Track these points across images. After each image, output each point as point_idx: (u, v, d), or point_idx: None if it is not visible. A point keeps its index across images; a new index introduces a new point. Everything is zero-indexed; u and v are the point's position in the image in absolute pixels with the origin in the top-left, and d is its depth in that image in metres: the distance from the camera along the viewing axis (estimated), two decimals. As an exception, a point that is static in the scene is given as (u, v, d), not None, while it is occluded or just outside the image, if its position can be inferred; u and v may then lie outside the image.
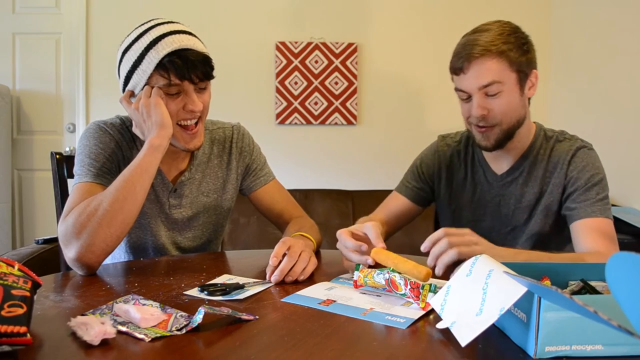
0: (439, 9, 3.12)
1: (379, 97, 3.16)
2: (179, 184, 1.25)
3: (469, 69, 1.14)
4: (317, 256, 1.15)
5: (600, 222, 1.15)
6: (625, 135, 2.47)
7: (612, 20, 2.59)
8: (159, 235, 1.25)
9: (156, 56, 1.08)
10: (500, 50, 1.13)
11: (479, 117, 1.17)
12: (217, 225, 1.35)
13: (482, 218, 1.31)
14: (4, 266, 0.71)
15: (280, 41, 3.09)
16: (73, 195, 1.10)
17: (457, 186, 1.35)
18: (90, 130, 1.19)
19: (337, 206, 2.73)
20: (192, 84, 1.12)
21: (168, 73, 1.09)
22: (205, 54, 1.14)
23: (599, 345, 0.64)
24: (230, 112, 1.54)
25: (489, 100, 1.16)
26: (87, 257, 1.01)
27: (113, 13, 3.08)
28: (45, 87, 3.16)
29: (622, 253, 0.48)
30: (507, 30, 1.15)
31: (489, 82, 1.14)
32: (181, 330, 0.73)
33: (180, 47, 1.09)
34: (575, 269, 0.82)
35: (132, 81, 1.13)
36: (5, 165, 3.05)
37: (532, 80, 1.21)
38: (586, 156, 1.22)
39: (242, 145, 1.36)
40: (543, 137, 1.28)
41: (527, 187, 1.26)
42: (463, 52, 1.15)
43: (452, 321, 0.71)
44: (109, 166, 1.15)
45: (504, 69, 1.14)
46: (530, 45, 1.19)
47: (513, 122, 1.19)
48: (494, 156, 1.29)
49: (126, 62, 1.13)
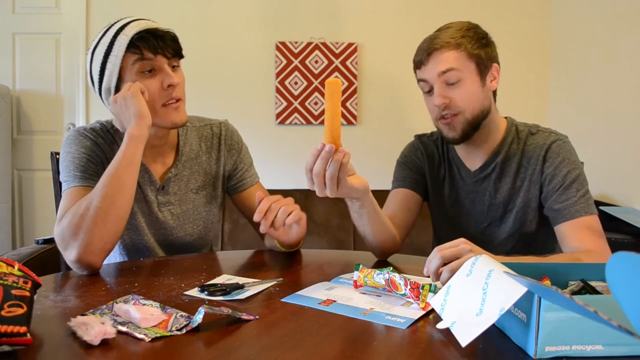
0: (439, 9, 3.12)
1: (379, 97, 3.16)
2: (166, 181, 1.25)
3: (429, 60, 1.19)
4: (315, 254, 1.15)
5: (585, 220, 1.14)
6: (625, 135, 2.47)
7: (612, 21, 2.59)
8: (150, 234, 1.25)
9: (125, 38, 1.12)
10: (457, 42, 1.18)
11: (440, 105, 1.19)
12: (207, 222, 1.34)
13: (459, 214, 1.32)
14: (4, 266, 0.71)
15: (280, 41, 3.09)
16: (64, 201, 1.11)
17: (438, 183, 1.36)
18: (71, 137, 1.20)
19: (337, 206, 2.73)
20: (165, 59, 1.14)
21: (140, 49, 1.12)
22: (173, 33, 1.17)
23: (599, 345, 0.64)
24: (231, 112, 1.54)
25: (449, 89, 1.19)
26: (87, 257, 1.02)
27: (113, 13, 3.06)
28: (45, 87, 3.16)
29: (622, 253, 0.48)
30: (466, 27, 1.21)
31: (447, 69, 1.17)
32: (181, 330, 0.73)
33: (147, 27, 1.13)
34: (575, 269, 0.82)
35: (106, 73, 1.14)
36: (5, 165, 3.05)
37: (494, 73, 1.23)
38: (561, 150, 1.21)
39: (232, 143, 1.36)
40: (515, 132, 1.28)
41: (500, 182, 1.27)
42: (423, 46, 1.22)
43: (452, 321, 0.71)
44: (94, 169, 1.16)
45: (461, 57, 1.18)
46: (489, 40, 1.23)
47: (476, 112, 1.20)
48: (467, 153, 1.30)
49: (97, 58, 1.15)
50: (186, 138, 1.30)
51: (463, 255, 0.93)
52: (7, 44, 3.12)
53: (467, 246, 0.95)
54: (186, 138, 1.30)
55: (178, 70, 1.19)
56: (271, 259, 1.23)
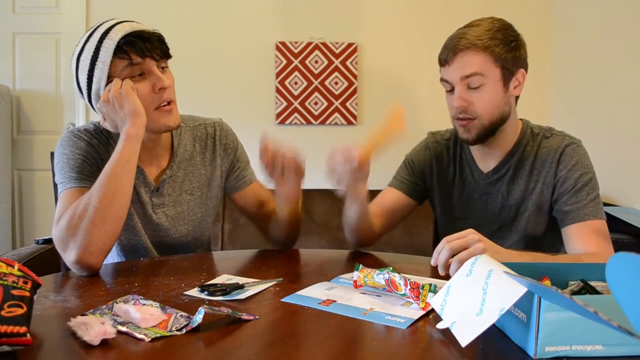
0: (439, 8, 3.12)
1: (379, 97, 3.15)
2: (161, 183, 1.25)
3: (454, 61, 1.16)
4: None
5: (593, 224, 1.14)
6: (625, 134, 2.47)
7: (613, 20, 2.59)
8: (146, 235, 1.24)
9: (111, 43, 1.09)
10: (485, 45, 1.14)
11: (458, 107, 1.18)
12: (202, 222, 1.33)
13: (470, 216, 1.31)
14: (4, 266, 0.71)
15: (280, 41, 3.09)
16: (61, 203, 1.10)
17: (448, 183, 1.35)
18: (65, 139, 1.19)
19: (337, 206, 2.71)
20: (153, 61, 1.12)
21: (128, 54, 1.09)
22: (159, 34, 1.15)
23: (599, 346, 0.64)
24: (231, 112, 1.54)
25: (470, 93, 1.17)
26: (86, 258, 1.01)
27: (113, 13, 3.06)
28: (45, 87, 3.16)
29: (622, 253, 0.48)
30: (497, 27, 1.17)
31: (470, 73, 1.15)
32: (181, 330, 0.73)
33: (132, 29, 1.11)
34: (575, 269, 0.82)
35: (94, 79, 1.12)
36: (5, 165, 3.05)
37: (519, 79, 1.21)
38: (575, 154, 1.20)
39: (227, 142, 1.35)
40: (530, 134, 1.27)
41: (513, 185, 1.26)
42: (450, 44, 1.17)
43: (452, 321, 0.71)
44: (89, 170, 1.15)
45: (487, 62, 1.15)
46: (520, 43, 1.19)
47: (494, 119, 1.19)
48: (481, 154, 1.29)
49: (83, 64, 1.13)
50: (180, 139, 1.29)
51: (472, 245, 0.94)
52: (7, 44, 3.12)
53: (475, 236, 0.95)
54: (180, 139, 1.29)
55: (167, 72, 1.17)
56: (271, 259, 1.23)
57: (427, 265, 1.12)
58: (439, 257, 0.96)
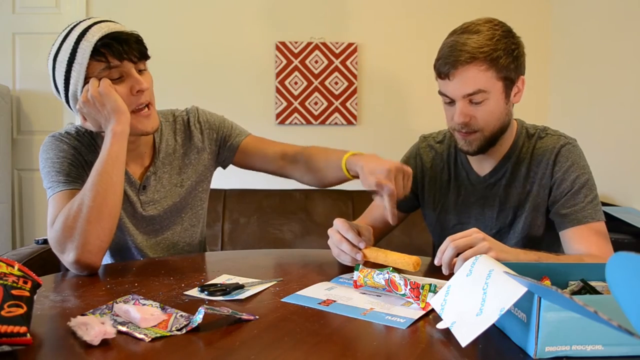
0: (439, 8, 3.12)
1: (379, 97, 3.15)
2: (146, 180, 1.24)
3: (455, 76, 1.10)
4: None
5: (592, 226, 1.14)
6: (625, 134, 2.47)
7: (612, 21, 2.59)
8: (138, 233, 1.24)
9: (88, 45, 1.08)
10: (489, 57, 1.08)
11: (461, 124, 1.15)
12: (195, 209, 1.32)
13: (467, 221, 1.28)
14: (4, 266, 0.71)
15: (280, 41, 3.09)
16: (52, 207, 1.10)
17: (442, 189, 1.33)
18: (47, 144, 1.19)
19: (337, 206, 2.73)
20: (131, 63, 1.11)
21: (105, 57, 1.08)
22: (137, 35, 1.14)
23: (599, 345, 0.64)
24: (231, 112, 1.53)
25: (472, 108, 1.13)
26: (85, 257, 1.02)
27: (113, 13, 3.07)
28: (45, 87, 3.14)
29: (622, 253, 0.48)
30: (498, 35, 1.10)
31: (474, 91, 1.10)
32: (181, 330, 0.73)
33: (110, 30, 1.09)
34: (575, 269, 0.82)
35: (71, 81, 1.11)
36: (5, 165, 3.05)
37: (519, 86, 1.17)
38: (570, 154, 1.19)
39: (202, 122, 1.33)
40: (525, 135, 1.25)
41: (510, 188, 1.24)
42: (450, 56, 1.10)
43: (452, 321, 0.71)
44: (76, 172, 1.15)
45: (490, 77, 1.10)
46: (521, 49, 1.15)
47: (496, 130, 1.17)
48: (477, 158, 1.27)
49: (60, 66, 1.12)
50: (162, 136, 1.28)
51: (476, 244, 0.93)
52: (7, 44, 3.12)
53: (480, 235, 0.95)
54: (162, 136, 1.28)
55: (145, 74, 1.16)
56: (271, 259, 1.23)
57: (427, 265, 1.12)
58: (444, 256, 0.96)
